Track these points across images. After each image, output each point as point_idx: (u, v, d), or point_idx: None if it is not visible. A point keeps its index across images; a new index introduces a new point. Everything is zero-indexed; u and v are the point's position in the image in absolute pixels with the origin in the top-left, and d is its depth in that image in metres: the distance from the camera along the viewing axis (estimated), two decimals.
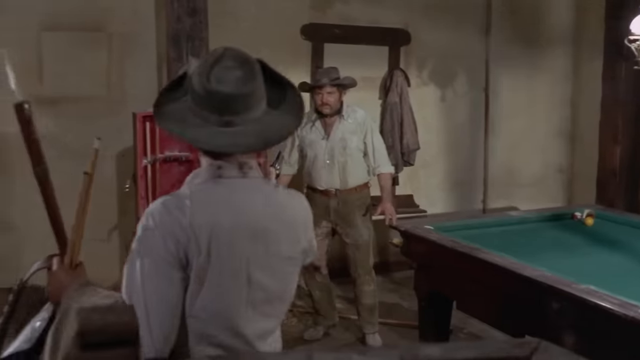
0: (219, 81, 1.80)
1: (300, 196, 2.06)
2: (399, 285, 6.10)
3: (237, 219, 1.81)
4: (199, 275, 1.77)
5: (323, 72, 4.83)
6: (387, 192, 4.89)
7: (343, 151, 4.78)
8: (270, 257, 1.86)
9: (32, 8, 5.07)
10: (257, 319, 1.87)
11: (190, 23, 4.73)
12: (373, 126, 4.93)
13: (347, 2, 6.12)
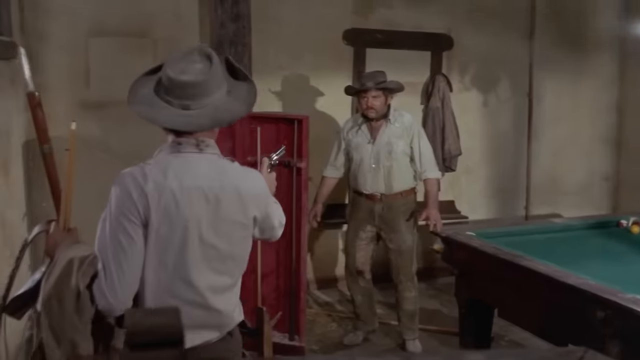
0: (182, 72, 2.15)
1: (255, 173, 2.36)
2: (440, 292, 6.07)
3: (190, 185, 2.13)
4: (155, 231, 2.10)
5: (368, 75, 4.80)
6: (433, 198, 4.79)
7: (389, 155, 4.74)
8: (219, 219, 2.17)
9: (80, 14, 5.16)
10: (209, 274, 2.18)
11: (234, 29, 4.77)
12: (420, 131, 4.85)
13: (390, 7, 6.12)
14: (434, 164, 4.88)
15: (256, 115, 4.76)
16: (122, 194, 2.13)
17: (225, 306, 2.25)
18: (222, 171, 2.21)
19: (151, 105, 2.22)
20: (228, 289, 2.26)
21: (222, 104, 2.21)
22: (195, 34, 5.46)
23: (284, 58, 5.81)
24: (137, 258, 2.11)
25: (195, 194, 2.14)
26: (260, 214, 2.29)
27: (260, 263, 4.83)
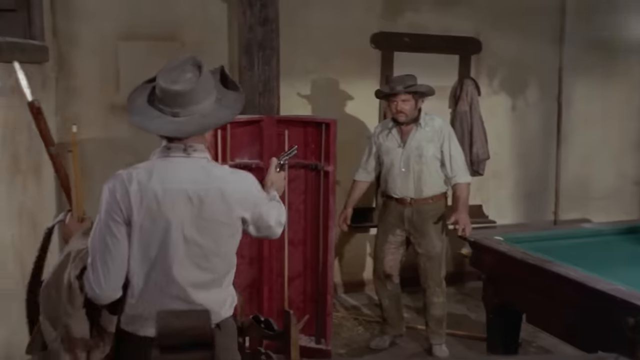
0: (173, 82, 2.30)
1: (244, 176, 2.47)
2: (467, 296, 6.04)
3: (173, 187, 2.28)
4: (138, 229, 2.28)
5: (398, 79, 4.76)
6: (463, 202, 4.72)
7: (419, 159, 4.71)
8: (203, 220, 2.31)
9: (111, 19, 5.23)
10: (193, 270, 2.32)
11: (262, 32, 4.81)
12: (451, 135, 4.79)
13: (418, 11, 6.10)
14: (464, 168, 4.83)
15: (284, 119, 4.79)
16: (109, 195, 2.31)
17: (208, 302, 2.34)
18: (207, 174, 2.34)
19: (145, 114, 2.36)
20: (212, 285, 2.39)
21: (211, 111, 2.36)
22: (223, 38, 5.50)
23: (312, 62, 5.82)
24: (121, 255, 2.30)
25: (178, 196, 2.29)
26: (250, 215, 2.43)
27: (287, 266, 4.84)
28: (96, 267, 2.27)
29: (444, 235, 4.85)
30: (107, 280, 2.27)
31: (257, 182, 2.51)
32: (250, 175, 2.50)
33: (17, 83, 3.44)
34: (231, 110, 2.43)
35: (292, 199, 4.81)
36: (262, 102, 4.84)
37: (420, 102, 4.72)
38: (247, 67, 4.82)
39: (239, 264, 4.72)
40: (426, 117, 4.75)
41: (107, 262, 2.28)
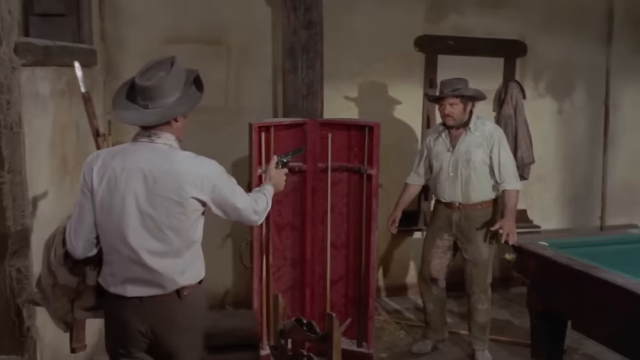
0: (146, 79, 2.65)
1: (206, 163, 2.73)
2: (511, 302, 5.98)
3: (131, 166, 2.65)
4: (99, 200, 2.69)
5: (447, 82, 4.69)
6: (510, 210, 4.59)
7: (467, 164, 4.64)
8: (155, 195, 2.63)
9: (158, 23, 5.31)
10: (148, 238, 2.66)
11: (306, 36, 4.82)
12: (501, 140, 4.67)
13: (462, 14, 6.07)
14: (514, 175, 4.70)
15: (327, 122, 4.80)
16: (82, 170, 2.76)
17: (163, 268, 2.69)
18: (166, 157, 2.67)
19: (123, 107, 2.72)
20: (168, 255, 2.70)
21: (172, 105, 2.69)
22: (268, 42, 5.55)
23: (356, 65, 5.82)
24: (86, 220, 2.74)
25: (135, 174, 2.64)
26: (209, 198, 2.71)
27: (329, 269, 4.85)
28: (70, 227, 2.77)
29: (492, 242, 4.75)
30: (75, 238, 2.74)
31: (220, 170, 2.78)
32: (214, 163, 2.77)
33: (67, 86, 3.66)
34: (186, 107, 2.74)
35: (334, 202, 4.83)
36: (305, 105, 4.84)
37: (469, 106, 4.66)
38: (291, 70, 4.84)
39: (281, 266, 4.79)
40: (477, 121, 4.69)
41: (76, 224, 2.75)
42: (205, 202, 2.72)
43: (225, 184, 2.79)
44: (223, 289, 5.72)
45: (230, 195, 2.80)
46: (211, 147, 5.51)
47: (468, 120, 4.66)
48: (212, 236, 5.57)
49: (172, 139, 2.73)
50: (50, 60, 3.94)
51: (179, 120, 2.76)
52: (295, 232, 4.87)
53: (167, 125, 2.71)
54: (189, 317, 2.81)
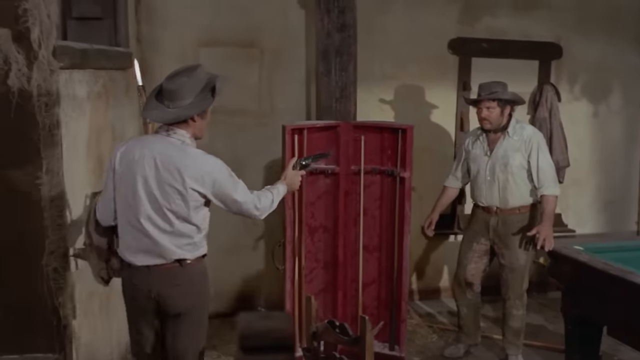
0: (172, 82, 3.09)
1: (211, 160, 3.11)
2: (545, 307, 5.92)
3: (147, 154, 3.06)
4: (119, 180, 3.15)
5: (484, 86, 4.66)
6: (548, 215, 4.48)
7: (504, 169, 4.60)
8: (161, 181, 3.04)
9: (192, 25, 5.35)
10: (153, 215, 3.08)
11: (340, 38, 4.83)
12: (540, 144, 4.61)
13: (496, 16, 6.02)
14: (553, 180, 4.62)
15: (360, 125, 4.81)
16: (111, 154, 3.24)
17: (164, 242, 3.09)
18: (175, 150, 3.06)
19: (152, 107, 3.15)
20: (171, 234, 3.09)
21: (188, 106, 3.07)
22: (301, 44, 5.56)
23: (389, 67, 5.81)
24: (109, 195, 3.22)
25: (149, 160, 3.05)
26: (209, 192, 3.08)
27: (362, 272, 4.85)
28: (100, 200, 3.31)
29: (530, 248, 4.65)
30: (101, 210, 3.27)
31: (222, 167, 3.13)
32: (218, 161, 3.13)
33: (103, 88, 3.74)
34: (196, 110, 3.10)
35: (367, 205, 4.82)
36: (338, 108, 4.85)
37: (507, 110, 4.62)
38: (324, 73, 4.85)
39: (314, 268, 4.80)
40: (517, 125, 4.65)
41: (102, 198, 3.28)
42: (205, 194, 3.08)
43: (226, 180, 3.13)
44: (255, 291, 5.75)
45: (231, 191, 3.13)
46: (244, 149, 5.59)
47: (507, 124, 4.63)
48: (244, 238, 5.68)
49: (187, 135, 3.12)
50: (87, 63, 3.99)
51: (196, 120, 3.13)
52: (327, 234, 4.87)
53: (184, 123, 3.11)
54: (190, 283, 3.18)
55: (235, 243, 5.64)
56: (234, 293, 5.70)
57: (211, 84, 3.14)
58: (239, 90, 5.50)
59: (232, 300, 5.68)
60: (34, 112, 3.46)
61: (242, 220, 5.59)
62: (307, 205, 4.75)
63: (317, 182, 4.79)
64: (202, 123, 3.18)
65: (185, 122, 3.11)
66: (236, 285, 5.71)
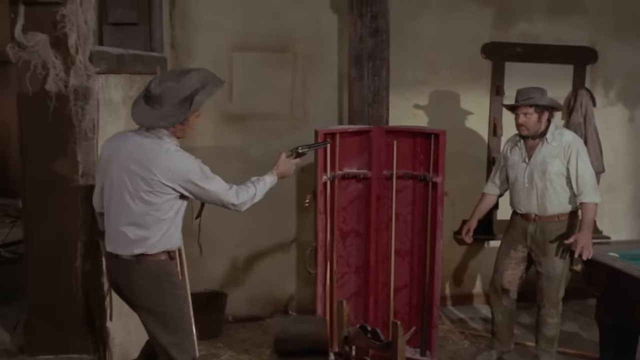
0: (157, 85, 3.12)
1: (182, 158, 3.14)
2: (579, 314, 5.84)
3: (125, 146, 3.18)
4: (102, 172, 3.30)
5: (522, 91, 4.59)
6: (587, 223, 4.40)
7: (542, 176, 4.52)
8: (132, 172, 3.12)
9: (225, 30, 5.39)
10: (125, 206, 3.16)
11: (372, 43, 4.83)
12: (580, 151, 4.51)
13: (531, 20, 5.98)
14: (592, 187, 4.51)
15: (393, 129, 4.80)
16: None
17: (129, 232, 3.16)
18: (150, 145, 3.14)
19: (138, 106, 3.18)
20: (137, 225, 3.16)
21: (163, 115, 3.12)
22: (334, 49, 5.57)
23: (421, 72, 5.80)
24: (98, 184, 3.36)
25: (126, 152, 3.15)
26: (179, 186, 3.13)
27: (393, 276, 4.84)
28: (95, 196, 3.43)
29: (567, 256, 4.57)
30: (95, 199, 3.41)
31: (194, 164, 3.15)
32: (191, 159, 3.16)
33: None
34: (165, 123, 3.14)
35: (399, 210, 4.82)
36: (371, 113, 4.85)
37: (545, 116, 4.53)
38: (357, 77, 4.86)
39: (345, 273, 4.81)
40: (556, 131, 4.57)
41: (95, 188, 3.41)
42: (174, 187, 3.14)
43: (197, 174, 3.16)
44: (287, 295, 5.77)
45: (202, 183, 3.18)
46: (276, 153, 5.56)
47: (545, 130, 4.55)
48: (276, 242, 5.69)
49: (165, 133, 3.18)
50: (123, 68, 4.06)
51: (175, 125, 3.18)
52: (359, 239, 4.87)
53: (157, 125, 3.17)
54: (146, 278, 3.22)
55: (267, 247, 5.66)
56: (266, 297, 5.72)
57: (195, 94, 3.13)
58: (272, 95, 5.54)
59: (264, 304, 5.71)
60: (70, 116, 3.54)
61: (273, 225, 5.64)
62: (339, 210, 4.75)
63: (349, 187, 4.79)
64: (186, 126, 3.23)
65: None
66: (268, 289, 5.73)
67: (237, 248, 5.64)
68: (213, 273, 5.61)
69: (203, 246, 5.55)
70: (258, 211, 5.59)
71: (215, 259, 5.58)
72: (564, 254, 4.55)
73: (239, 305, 5.64)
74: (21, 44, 3.45)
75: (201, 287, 5.51)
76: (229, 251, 5.63)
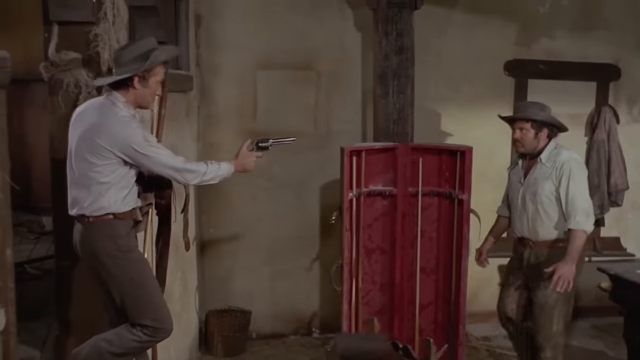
0: (117, 50, 3.27)
1: (126, 125, 3.07)
2: (604, 332, 5.79)
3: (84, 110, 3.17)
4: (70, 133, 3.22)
5: (520, 105, 4.37)
6: (571, 252, 3.91)
7: (533, 197, 4.15)
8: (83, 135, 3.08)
9: (250, 49, 5.45)
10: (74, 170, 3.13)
11: (397, 61, 4.86)
12: (573, 172, 4.05)
13: (554, 37, 5.98)
14: (583, 213, 4.00)
15: (418, 147, 4.81)
16: None
17: (75, 195, 3.14)
18: (103, 109, 3.12)
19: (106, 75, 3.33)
20: (81, 185, 3.12)
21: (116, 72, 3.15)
22: (357, 67, 5.61)
23: (444, 89, 5.81)
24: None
25: (79, 118, 3.15)
26: (119, 152, 3.05)
27: (419, 294, 4.84)
28: None
29: None
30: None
31: (137, 131, 3.08)
32: (135, 128, 3.09)
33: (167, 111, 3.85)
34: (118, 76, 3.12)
35: (425, 227, 4.82)
36: (396, 130, 4.88)
37: (543, 134, 4.16)
38: (382, 95, 4.88)
39: (370, 290, 4.80)
40: (553, 151, 4.17)
41: None
42: (114, 153, 3.06)
43: (139, 143, 3.08)
44: (310, 312, 5.77)
45: (146, 152, 3.09)
46: (301, 171, 5.64)
47: (543, 149, 4.19)
48: (300, 259, 5.70)
49: (121, 100, 3.14)
50: None
51: (135, 86, 3.13)
52: (384, 256, 4.88)
53: (123, 88, 3.14)
54: (89, 243, 3.15)
55: (291, 265, 5.68)
56: (289, 314, 5.73)
57: (152, 51, 3.12)
58: (296, 113, 5.58)
59: (287, 322, 5.72)
60: None
61: (297, 242, 5.65)
62: (364, 227, 4.76)
63: (374, 204, 4.80)
64: (144, 91, 3.17)
65: (125, 87, 3.13)
66: (291, 307, 5.73)
67: (261, 266, 5.66)
68: (237, 290, 5.63)
69: (228, 264, 5.63)
70: (282, 229, 5.66)
71: (239, 276, 5.62)
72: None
73: (262, 322, 5.65)
74: (54, 63, 3.49)
75: (225, 304, 5.54)
76: (253, 269, 5.65)
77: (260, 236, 5.63)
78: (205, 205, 5.49)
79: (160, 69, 3.21)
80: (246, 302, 5.62)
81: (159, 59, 3.16)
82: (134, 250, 3.25)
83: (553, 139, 4.21)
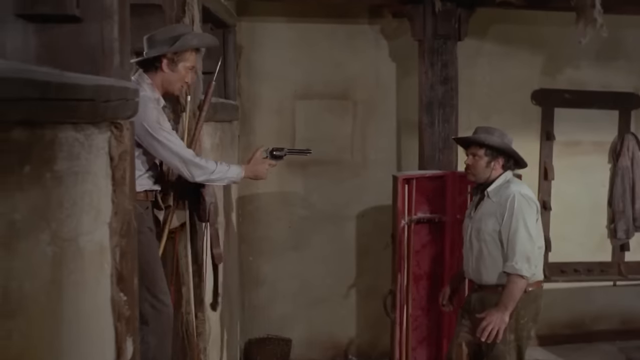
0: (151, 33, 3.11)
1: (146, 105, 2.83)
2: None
3: None
4: None
5: (478, 129, 3.92)
6: (504, 299, 3.52)
7: (477, 235, 3.72)
8: None
9: (289, 79, 5.54)
10: None
11: (442, 91, 4.98)
12: (518, 211, 3.57)
13: (578, 67, 6.13)
14: (522, 256, 3.52)
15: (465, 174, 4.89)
16: None
17: None
18: None
19: None
20: None
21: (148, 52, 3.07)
22: (392, 97, 5.71)
23: (476, 118, 5.86)
24: None
25: None
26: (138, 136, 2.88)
27: None
28: None
29: (513, 345, 3.65)
30: None
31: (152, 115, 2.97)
32: (149, 108, 2.94)
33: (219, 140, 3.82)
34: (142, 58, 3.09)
35: None
36: (441, 158, 4.97)
37: (498, 164, 3.75)
38: (428, 124, 4.98)
39: (418, 316, 4.84)
40: (504, 184, 3.73)
41: None
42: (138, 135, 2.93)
43: (152, 125, 2.98)
44: (347, 339, 5.80)
45: (157, 136, 3.00)
46: (337, 199, 5.70)
47: (493, 180, 3.75)
48: (336, 287, 5.74)
49: (147, 82, 3.08)
50: (214, 116, 4.13)
51: (163, 69, 3.07)
52: (432, 282, 4.93)
53: (153, 71, 3.10)
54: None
55: (328, 292, 5.71)
56: (326, 341, 5.76)
57: (184, 35, 3.08)
58: (333, 141, 5.65)
59: (324, 349, 5.75)
60: None
61: (333, 269, 5.69)
62: (413, 253, 4.82)
63: (422, 231, 4.87)
64: (172, 76, 3.10)
65: (154, 69, 3.09)
66: (328, 333, 5.76)
67: (298, 293, 5.69)
68: (275, 318, 5.64)
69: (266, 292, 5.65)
70: (318, 256, 5.70)
71: (277, 304, 5.63)
72: (509, 337, 3.63)
73: (299, 349, 5.67)
74: None
75: (263, 332, 5.55)
76: (290, 297, 5.68)
77: (296, 264, 5.67)
78: (244, 233, 5.52)
79: (191, 54, 3.13)
80: (283, 329, 5.64)
81: (190, 43, 3.09)
82: (143, 232, 3.05)
83: (508, 171, 3.82)
